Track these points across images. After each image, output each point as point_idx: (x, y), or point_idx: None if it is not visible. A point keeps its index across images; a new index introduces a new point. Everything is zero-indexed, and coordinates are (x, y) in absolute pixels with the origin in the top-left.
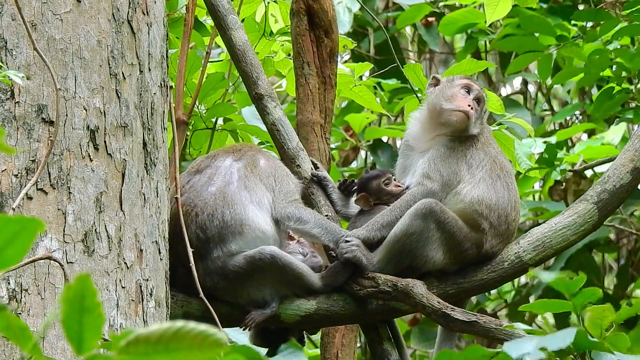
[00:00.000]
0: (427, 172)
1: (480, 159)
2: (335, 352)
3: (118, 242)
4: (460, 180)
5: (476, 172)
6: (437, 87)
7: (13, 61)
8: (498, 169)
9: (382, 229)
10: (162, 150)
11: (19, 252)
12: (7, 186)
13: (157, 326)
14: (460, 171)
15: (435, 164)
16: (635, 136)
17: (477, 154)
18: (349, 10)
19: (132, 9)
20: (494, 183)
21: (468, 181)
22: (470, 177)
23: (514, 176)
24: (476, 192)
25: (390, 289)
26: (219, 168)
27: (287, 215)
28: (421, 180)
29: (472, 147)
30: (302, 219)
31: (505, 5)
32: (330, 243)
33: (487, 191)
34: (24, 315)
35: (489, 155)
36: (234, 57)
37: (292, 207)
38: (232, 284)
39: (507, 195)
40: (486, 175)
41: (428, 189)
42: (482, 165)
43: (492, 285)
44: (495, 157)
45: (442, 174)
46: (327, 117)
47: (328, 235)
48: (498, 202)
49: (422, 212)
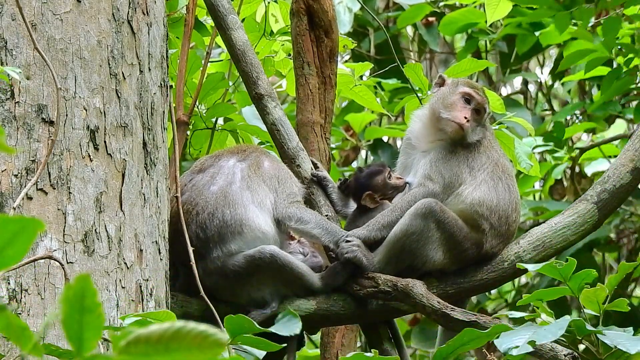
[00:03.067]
0: (429, 173)
1: (482, 162)
2: (335, 352)
3: (118, 242)
4: (461, 182)
5: (478, 174)
6: (441, 89)
7: (13, 61)
8: (500, 171)
9: (383, 229)
10: (162, 150)
11: (19, 252)
12: (7, 186)
13: (157, 326)
14: (461, 173)
15: (437, 166)
16: (635, 136)
17: (478, 157)
18: (350, 10)
19: (132, 9)
20: (495, 185)
21: (469, 183)
22: (471, 179)
23: (514, 178)
24: (477, 193)
25: (390, 289)
26: (222, 168)
27: (288, 215)
28: (423, 182)
29: (475, 151)
30: (302, 219)
31: (506, 5)
32: (331, 244)
33: (488, 193)
34: (24, 315)
35: (491, 159)
36: (234, 57)
37: (293, 207)
38: (231, 284)
39: (508, 196)
40: (488, 177)
41: (429, 190)
42: (483, 168)
43: (492, 285)
44: (498, 160)
45: (444, 175)
46: (327, 117)
47: (328, 236)
48: (499, 203)
49: (422, 211)
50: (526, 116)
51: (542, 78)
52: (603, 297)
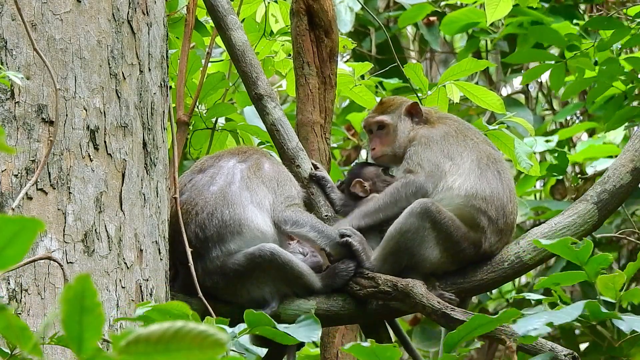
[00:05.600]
0: (407, 167)
1: (460, 151)
2: (335, 352)
3: (118, 242)
4: (443, 171)
5: (460, 163)
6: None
7: (13, 61)
8: (485, 158)
9: (364, 217)
10: (162, 150)
11: (19, 252)
12: (7, 186)
13: (157, 326)
14: (440, 163)
15: (413, 159)
16: (635, 136)
17: (454, 147)
18: (351, 10)
19: (132, 9)
20: (483, 173)
21: (455, 172)
22: (456, 168)
23: (504, 163)
24: (468, 184)
25: (390, 289)
26: (222, 168)
27: (284, 218)
28: (403, 175)
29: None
30: (298, 222)
31: (506, 5)
32: (327, 247)
33: (479, 183)
34: (24, 315)
35: (469, 147)
36: (234, 57)
37: (289, 210)
38: (232, 283)
39: (500, 185)
40: (474, 167)
41: (411, 180)
42: (463, 156)
43: (492, 285)
44: (477, 148)
45: (423, 166)
46: (327, 117)
47: (324, 240)
48: (492, 192)
49: (417, 211)
50: (527, 116)
51: (542, 78)
52: (621, 284)
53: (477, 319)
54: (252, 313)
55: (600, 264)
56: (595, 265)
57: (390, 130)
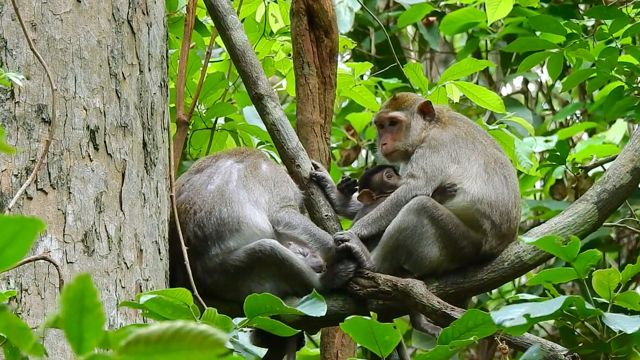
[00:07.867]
0: (411, 171)
1: (467, 154)
2: (335, 352)
3: (118, 242)
4: (447, 174)
5: (467, 166)
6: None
7: (13, 61)
8: (492, 162)
9: (368, 226)
10: (162, 150)
11: (19, 252)
12: (7, 186)
13: (157, 326)
14: (445, 168)
15: (418, 163)
16: (635, 136)
17: (462, 149)
18: (350, 10)
19: (132, 9)
20: (490, 178)
21: (462, 175)
22: (462, 170)
23: (511, 167)
24: (475, 189)
25: (390, 289)
26: (220, 168)
27: (277, 219)
28: (406, 180)
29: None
30: (290, 224)
31: (507, 5)
32: (318, 250)
33: (485, 188)
34: (24, 315)
35: (477, 150)
36: (234, 57)
37: (283, 211)
38: (232, 279)
39: (506, 190)
40: (482, 171)
41: (412, 186)
42: (471, 160)
43: (492, 285)
44: (485, 151)
45: (426, 170)
46: (327, 117)
47: (316, 243)
48: (498, 198)
49: (414, 207)
50: (527, 116)
51: (542, 78)
52: (616, 283)
53: (472, 315)
54: (254, 297)
55: (590, 261)
56: (584, 261)
57: (402, 127)
